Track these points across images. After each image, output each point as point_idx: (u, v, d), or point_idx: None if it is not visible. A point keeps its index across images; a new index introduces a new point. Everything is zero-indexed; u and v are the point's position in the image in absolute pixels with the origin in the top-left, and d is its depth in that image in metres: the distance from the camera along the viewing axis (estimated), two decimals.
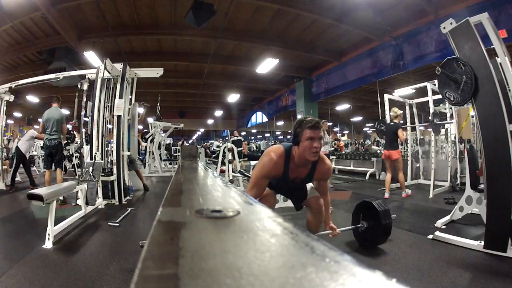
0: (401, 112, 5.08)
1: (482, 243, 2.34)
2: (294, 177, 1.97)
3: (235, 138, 9.52)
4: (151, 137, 9.02)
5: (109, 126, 4.74)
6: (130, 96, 4.96)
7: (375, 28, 7.43)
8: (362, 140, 15.52)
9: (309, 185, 2.27)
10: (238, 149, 6.41)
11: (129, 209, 3.89)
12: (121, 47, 8.23)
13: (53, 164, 4.44)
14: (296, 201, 2.28)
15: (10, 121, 16.44)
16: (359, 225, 2.50)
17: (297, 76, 11.44)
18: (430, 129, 6.02)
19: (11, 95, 5.87)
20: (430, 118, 5.03)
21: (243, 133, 18.82)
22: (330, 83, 10.32)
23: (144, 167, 9.52)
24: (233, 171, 5.61)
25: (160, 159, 9.54)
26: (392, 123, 5.00)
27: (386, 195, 4.77)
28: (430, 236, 2.71)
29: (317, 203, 2.15)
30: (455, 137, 5.45)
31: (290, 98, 13.31)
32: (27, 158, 6.06)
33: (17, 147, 5.85)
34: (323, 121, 6.55)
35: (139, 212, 3.95)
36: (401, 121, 5.14)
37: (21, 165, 5.91)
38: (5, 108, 5.92)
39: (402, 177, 4.89)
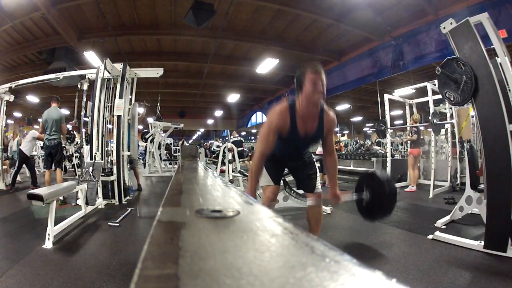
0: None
1: (482, 243, 2.34)
2: (304, 131, 1.92)
3: (235, 138, 9.54)
4: (151, 137, 9.02)
5: (109, 126, 4.74)
6: (130, 96, 4.96)
7: (375, 28, 7.42)
8: (367, 141, 15.36)
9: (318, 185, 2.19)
10: (239, 149, 6.43)
11: (129, 209, 3.88)
12: (121, 47, 8.23)
13: (53, 164, 4.44)
14: (305, 182, 2.17)
15: (10, 121, 16.44)
16: (363, 196, 2.35)
17: None
18: (430, 129, 6.05)
19: (11, 95, 5.87)
20: (430, 118, 5.04)
21: (243, 133, 18.83)
22: (330, 83, 10.30)
23: (144, 167, 9.52)
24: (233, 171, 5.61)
25: (160, 159, 9.54)
26: (419, 125, 5.78)
27: (414, 188, 5.47)
28: (430, 236, 2.71)
29: (316, 193, 2.12)
30: (450, 133, 5.45)
31: (290, 98, 13.29)
32: (29, 158, 6.05)
33: (20, 149, 5.84)
34: None
35: (139, 212, 3.95)
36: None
37: (23, 166, 5.92)
38: (5, 108, 5.92)
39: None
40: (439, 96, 4.54)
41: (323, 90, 1.78)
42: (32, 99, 12.28)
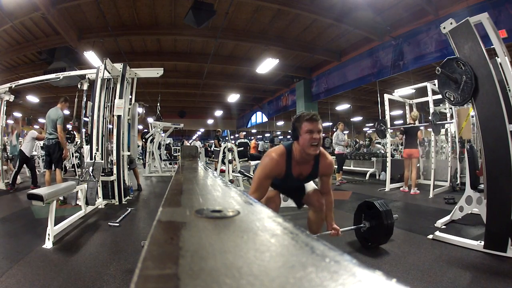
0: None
1: (482, 243, 2.35)
2: (298, 175, 1.95)
3: (241, 140, 9.58)
4: (151, 137, 9.02)
5: (109, 126, 4.74)
6: (130, 96, 4.96)
7: (375, 28, 7.43)
8: (367, 140, 15.23)
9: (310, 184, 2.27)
10: (239, 149, 6.43)
11: (129, 209, 3.89)
12: (121, 47, 8.22)
13: (52, 164, 4.43)
14: (297, 199, 2.28)
15: (10, 121, 16.43)
16: (361, 225, 2.49)
17: (297, 76, 11.44)
18: (430, 129, 6.04)
19: (11, 95, 5.87)
20: (430, 118, 5.04)
21: (243, 133, 18.78)
22: (330, 83, 10.32)
23: (144, 167, 9.52)
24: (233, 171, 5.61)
25: (160, 159, 9.54)
26: (412, 125, 5.43)
27: (412, 191, 5.16)
28: (430, 236, 2.71)
29: (319, 201, 2.12)
30: (454, 135, 5.45)
31: (290, 98, 13.30)
32: (29, 158, 6.03)
33: (20, 150, 5.84)
34: (338, 122, 6.90)
35: (139, 212, 3.95)
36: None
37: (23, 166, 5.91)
38: (5, 108, 5.92)
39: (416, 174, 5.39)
40: (439, 96, 4.54)
41: (319, 139, 1.79)
42: (32, 99, 12.28)
